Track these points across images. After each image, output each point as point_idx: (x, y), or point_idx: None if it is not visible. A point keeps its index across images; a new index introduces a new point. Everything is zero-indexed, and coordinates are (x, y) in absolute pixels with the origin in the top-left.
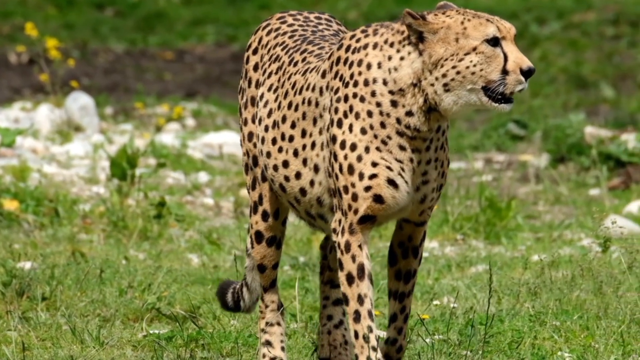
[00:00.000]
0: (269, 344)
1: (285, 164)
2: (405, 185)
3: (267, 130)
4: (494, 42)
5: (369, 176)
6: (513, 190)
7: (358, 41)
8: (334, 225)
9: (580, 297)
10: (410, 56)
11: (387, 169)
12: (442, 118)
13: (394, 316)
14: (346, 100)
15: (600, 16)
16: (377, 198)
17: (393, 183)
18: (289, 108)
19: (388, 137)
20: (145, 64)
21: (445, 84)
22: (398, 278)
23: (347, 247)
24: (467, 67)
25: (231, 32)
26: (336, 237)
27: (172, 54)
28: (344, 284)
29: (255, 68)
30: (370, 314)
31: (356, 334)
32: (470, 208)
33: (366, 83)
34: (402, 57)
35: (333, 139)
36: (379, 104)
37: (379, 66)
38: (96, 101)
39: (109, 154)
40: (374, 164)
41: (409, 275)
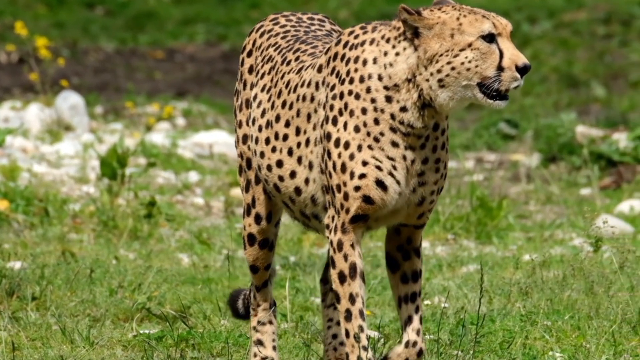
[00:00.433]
0: (261, 344)
1: (279, 164)
2: (395, 185)
3: (261, 130)
4: (490, 39)
5: (359, 176)
6: (504, 189)
7: (356, 37)
8: (327, 221)
9: (571, 297)
10: (405, 52)
11: (377, 169)
12: (437, 114)
13: (410, 318)
14: (341, 97)
15: (591, 15)
16: (367, 199)
17: (382, 184)
18: (283, 107)
19: (381, 134)
20: (135, 63)
21: (440, 80)
22: (405, 280)
23: (340, 246)
24: (462, 63)
25: (222, 31)
26: (329, 234)
27: (163, 53)
28: (336, 282)
29: (250, 70)
30: (361, 313)
31: (347, 333)
32: (461, 208)
33: (362, 80)
34: (398, 53)
35: (328, 137)
36: (374, 100)
37: (375, 61)
38: (86, 100)
39: (99, 154)
40: (365, 163)
41: (416, 274)
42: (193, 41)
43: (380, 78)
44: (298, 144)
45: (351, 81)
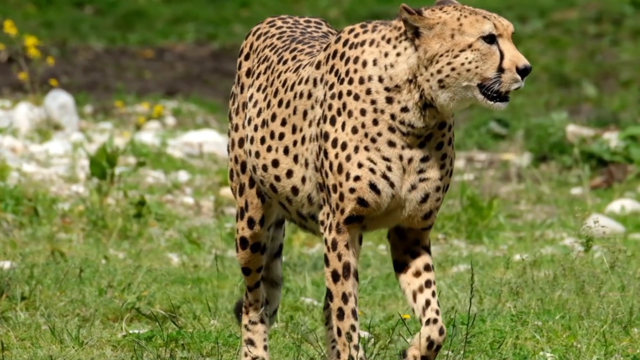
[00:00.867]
0: (252, 343)
1: (275, 163)
2: (388, 188)
3: (257, 129)
4: (490, 40)
5: (354, 178)
6: (495, 189)
7: (356, 36)
8: (322, 217)
9: (562, 297)
10: (406, 52)
11: (370, 172)
12: (439, 114)
13: (427, 302)
14: (340, 97)
15: (582, 14)
16: (361, 201)
17: (375, 188)
18: (279, 105)
19: (378, 134)
20: (125, 63)
21: (440, 80)
22: (417, 274)
23: (334, 245)
24: (462, 64)
25: (211, 31)
26: (324, 232)
27: (152, 52)
28: (329, 280)
29: (247, 74)
30: (354, 313)
31: (339, 331)
32: (451, 207)
33: (361, 81)
34: (399, 53)
35: (325, 136)
36: (374, 102)
37: (375, 63)
38: (76, 100)
39: (89, 153)
40: (360, 165)
41: (429, 266)
42: (183, 40)
43: (381, 80)
44: (294, 142)
45: (350, 81)
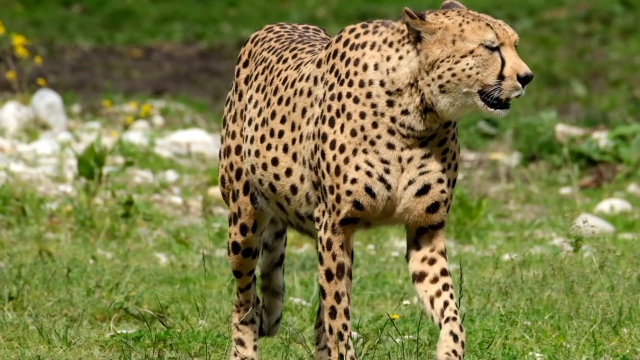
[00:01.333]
0: (241, 344)
1: (274, 161)
2: (384, 191)
3: (257, 129)
4: (492, 47)
5: (351, 180)
6: (484, 189)
7: (357, 37)
8: (317, 214)
9: (551, 297)
10: (408, 55)
11: (367, 175)
12: (439, 119)
13: (445, 303)
14: (339, 98)
15: (571, 13)
16: (357, 204)
17: (370, 191)
18: (279, 103)
19: (378, 137)
20: (112, 62)
21: (441, 86)
22: (435, 280)
23: (329, 245)
24: (463, 70)
25: (199, 30)
26: (319, 230)
27: (140, 52)
28: (323, 278)
29: (246, 81)
30: (346, 312)
31: (330, 329)
32: None
33: (361, 84)
34: (401, 57)
35: (323, 137)
36: (374, 105)
37: (376, 67)
38: (63, 99)
39: (77, 153)
40: (357, 168)
41: (445, 271)
42: (170, 39)
43: (382, 84)
44: (293, 140)
45: (350, 84)
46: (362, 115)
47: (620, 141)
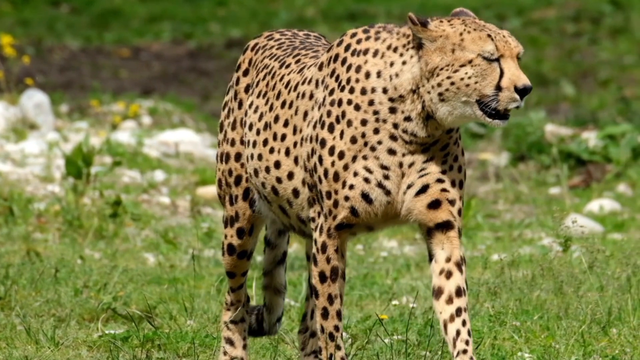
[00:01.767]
0: (231, 343)
1: (277, 165)
2: (383, 196)
3: (259, 133)
4: (491, 58)
5: (350, 186)
6: (473, 189)
7: (359, 42)
8: (313, 214)
9: (540, 297)
10: (412, 60)
11: (364, 181)
12: (441, 126)
13: (457, 332)
14: (340, 104)
15: (560, 13)
16: (353, 210)
17: (367, 197)
18: (282, 107)
19: (378, 142)
20: (101, 61)
21: (440, 94)
22: (450, 301)
23: (324, 248)
24: (462, 79)
25: (188, 29)
26: (314, 232)
27: (128, 51)
28: (316, 279)
29: (246, 90)
30: (338, 314)
31: (322, 329)
32: None
33: (363, 92)
34: (405, 62)
35: (322, 143)
36: (376, 112)
37: (378, 75)
38: (51, 99)
39: (64, 152)
40: (356, 174)
41: (460, 290)
42: (159, 39)
43: (385, 91)
44: (295, 144)
45: (351, 90)
46: (364, 122)
47: (609, 141)
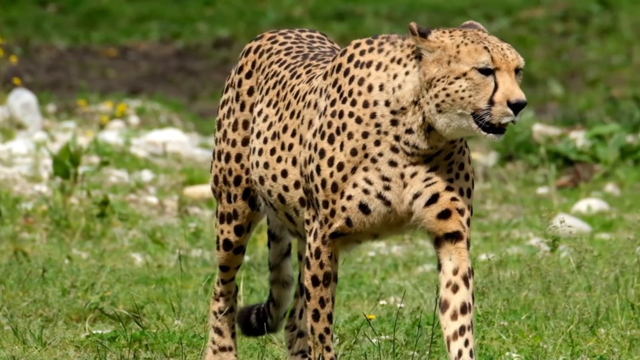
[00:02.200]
0: (220, 333)
1: (284, 174)
2: (382, 207)
3: (266, 142)
4: (486, 71)
5: (348, 197)
6: None
7: (362, 54)
8: (308, 217)
9: (528, 297)
10: (413, 70)
11: (363, 192)
12: (443, 138)
13: (459, 353)
14: (341, 116)
15: (548, 13)
16: (348, 221)
17: (365, 208)
18: (291, 117)
19: (380, 154)
20: (88, 61)
21: (437, 105)
22: (454, 317)
23: (317, 254)
24: (457, 92)
25: (176, 29)
26: (308, 235)
27: (116, 51)
28: (308, 282)
29: (250, 92)
30: (329, 317)
31: (312, 330)
32: None
33: (366, 105)
34: (407, 72)
35: (321, 153)
36: (378, 125)
37: (381, 88)
38: (39, 98)
39: (52, 152)
40: (355, 185)
41: (465, 307)
42: (146, 39)
43: (387, 104)
44: (300, 153)
45: (353, 103)
46: (365, 134)
47: (597, 141)
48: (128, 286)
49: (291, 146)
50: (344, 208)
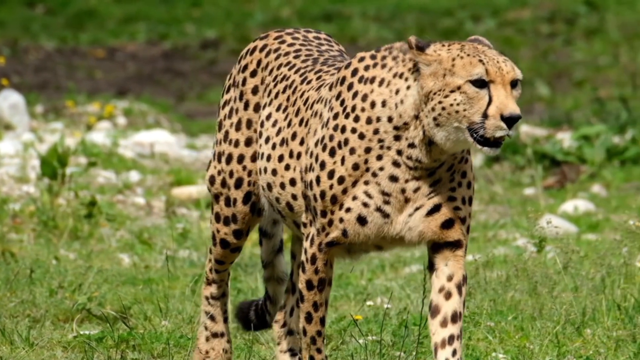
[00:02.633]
0: (212, 318)
1: (292, 182)
2: (380, 219)
3: (275, 148)
4: (480, 84)
5: (346, 209)
6: None
7: (366, 69)
8: (305, 220)
9: (515, 298)
10: (414, 83)
11: (363, 205)
12: (444, 151)
13: None
14: (343, 131)
15: (535, 13)
16: (344, 232)
17: (363, 221)
18: (300, 124)
19: (380, 169)
20: (76, 62)
21: (434, 118)
22: (444, 324)
23: (313, 260)
24: (452, 105)
25: (163, 30)
26: (305, 240)
27: (103, 52)
28: (303, 285)
29: (254, 91)
30: (322, 320)
31: (304, 332)
32: None
33: (369, 121)
34: (409, 86)
35: (321, 165)
36: (381, 140)
37: (384, 104)
38: (26, 99)
39: (40, 153)
40: (355, 198)
41: (456, 316)
42: (134, 40)
43: (390, 119)
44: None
45: (356, 119)
46: (367, 150)
47: (584, 142)
48: (115, 287)
49: (299, 155)
50: (342, 220)
